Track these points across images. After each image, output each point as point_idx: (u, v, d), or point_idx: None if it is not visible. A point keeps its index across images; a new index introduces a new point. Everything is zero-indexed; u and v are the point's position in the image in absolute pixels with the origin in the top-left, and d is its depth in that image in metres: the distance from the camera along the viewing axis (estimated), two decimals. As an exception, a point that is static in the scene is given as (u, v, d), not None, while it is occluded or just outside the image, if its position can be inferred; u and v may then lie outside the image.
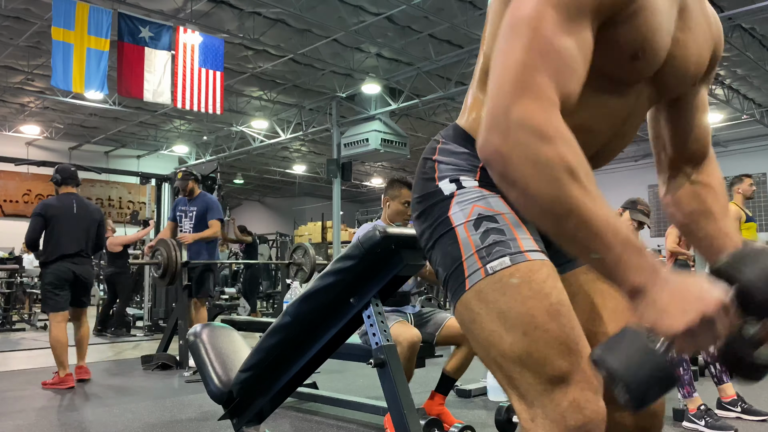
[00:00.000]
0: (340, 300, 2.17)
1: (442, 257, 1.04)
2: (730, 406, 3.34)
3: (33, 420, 3.40)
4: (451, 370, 3.08)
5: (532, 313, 0.92)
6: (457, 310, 1.01)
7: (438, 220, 1.05)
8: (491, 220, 1.00)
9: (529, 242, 0.99)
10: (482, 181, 1.05)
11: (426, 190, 1.09)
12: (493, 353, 0.96)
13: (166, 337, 5.58)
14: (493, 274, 0.96)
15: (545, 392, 0.90)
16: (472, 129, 1.11)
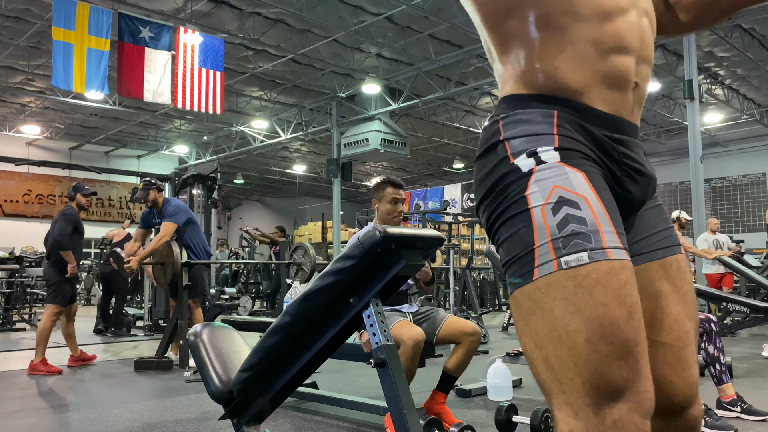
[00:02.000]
0: (340, 300, 2.17)
1: (510, 238, 0.95)
2: (730, 406, 3.34)
3: (33, 420, 3.40)
4: (452, 368, 3.07)
5: (602, 321, 0.85)
6: (515, 297, 0.94)
7: (513, 198, 0.95)
8: (573, 205, 0.91)
9: (612, 236, 0.90)
10: (563, 151, 0.96)
11: (501, 171, 0.97)
12: (546, 352, 0.90)
13: (166, 338, 5.57)
14: (567, 269, 0.88)
15: (592, 405, 0.86)
16: (526, 83, 1.02)
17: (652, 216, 1.12)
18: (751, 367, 4.85)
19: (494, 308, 11.15)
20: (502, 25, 1.04)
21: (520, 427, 3.16)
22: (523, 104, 1.01)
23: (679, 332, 1.06)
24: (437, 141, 17.86)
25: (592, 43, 0.99)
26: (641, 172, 1.06)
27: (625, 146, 1.03)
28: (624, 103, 1.03)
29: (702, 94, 9.62)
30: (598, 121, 1.00)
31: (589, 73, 0.99)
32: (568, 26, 0.99)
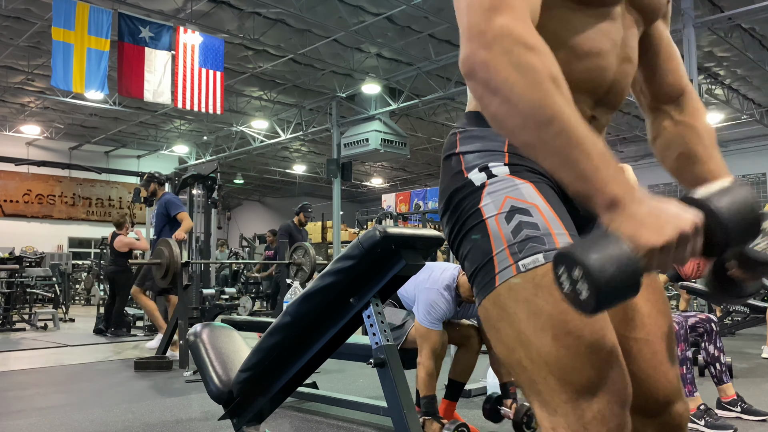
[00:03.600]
0: (340, 300, 2.18)
1: (471, 250, 0.99)
2: (730, 406, 3.34)
3: (33, 420, 3.40)
4: (458, 374, 3.05)
5: (565, 318, 0.87)
6: (483, 306, 0.97)
7: (469, 212, 1.00)
8: (524, 212, 0.95)
9: (564, 238, 0.94)
10: (512, 166, 1.01)
11: (456, 184, 1.03)
12: (518, 355, 0.92)
13: (166, 337, 5.57)
14: (525, 271, 0.91)
15: (570, 401, 0.87)
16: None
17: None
18: (751, 367, 4.86)
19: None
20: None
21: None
22: (479, 122, 1.06)
23: (651, 327, 1.08)
24: (437, 141, 17.86)
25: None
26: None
27: None
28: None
29: (702, 94, 9.64)
30: None
31: None
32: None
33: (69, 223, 18.81)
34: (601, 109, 1.10)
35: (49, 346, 6.81)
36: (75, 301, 14.67)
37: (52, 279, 11.14)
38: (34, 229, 17.90)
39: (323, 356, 2.25)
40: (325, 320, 2.19)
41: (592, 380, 0.87)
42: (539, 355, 0.89)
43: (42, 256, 12.28)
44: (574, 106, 0.82)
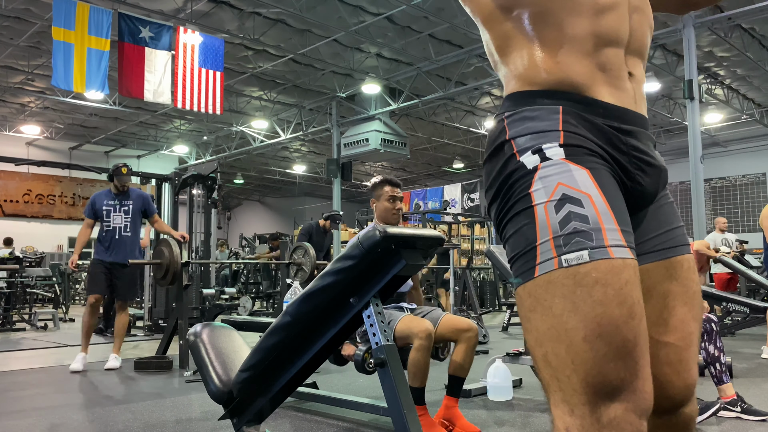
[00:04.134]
0: (340, 300, 2.18)
1: (514, 235, 0.95)
2: (730, 406, 3.34)
3: (33, 420, 3.40)
4: (456, 369, 3.05)
5: (600, 321, 0.85)
6: (518, 293, 0.95)
7: (519, 195, 0.95)
8: (576, 203, 0.90)
9: (615, 234, 0.90)
10: (568, 147, 0.95)
11: (508, 169, 0.97)
12: (545, 349, 0.90)
13: (166, 338, 5.57)
14: (567, 267, 0.88)
15: (588, 403, 0.86)
16: (529, 80, 1.02)
17: (664, 213, 1.11)
18: (751, 367, 4.85)
19: (494, 308, 11.15)
20: (501, 25, 1.05)
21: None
22: (527, 101, 1.01)
23: (683, 333, 1.06)
24: (437, 141, 17.86)
25: (589, 35, 1.00)
26: (651, 164, 1.05)
27: (633, 137, 1.03)
28: (626, 94, 1.03)
29: (702, 94, 9.62)
30: (605, 113, 1.00)
31: (589, 66, 1.00)
32: (565, 22, 1.00)
33: (69, 223, 18.81)
34: (633, 60, 1.07)
35: (49, 346, 6.81)
36: (75, 301, 14.67)
37: (52, 279, 11.14)
38: (34, 229, 17.90)
39: (323, 356, 2.25)
40: (325, 320, 2.19)
41: (615, 385, 0.85)
42: (567, 353, 0.87)
43: (42, 256, 12.28)
44: None
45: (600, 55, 1.01)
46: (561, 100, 0.99)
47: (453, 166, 21.10)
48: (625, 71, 1.04)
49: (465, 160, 20.41)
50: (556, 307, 0.88)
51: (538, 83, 1.01)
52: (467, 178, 20.06)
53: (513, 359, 3.90)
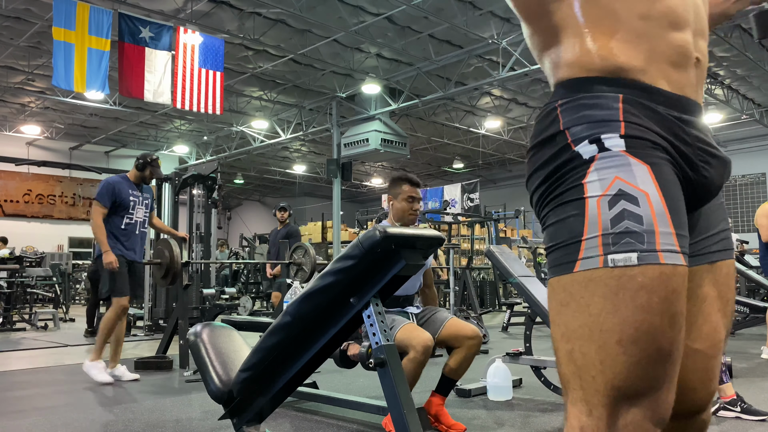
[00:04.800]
0: (340, 300, 2.18)
1: (557, 224, 0.91)
2: (730, 406, 3.34)
3: (33, 420, 3.40)
4: (451, 371, 3.05)
5: (639, 326, 0.83)
6: (551, 284, 0.92)
7: (570, 184, 0.90)
8: (632, 200, 0.85)
9: (669, 238, 0.85)
10: (630, 138, 0.89)
11: (559, 159, 0.92)
12: (572, 345, 0.87)
13: (166, 338, 5.58)
14: (613, 267, 0.84)
15: (608, 405, 0.85)
16: (583, 67, 0.95)
17: (715, 215, 1.08)
18: (751, 367, 4.86)
19: (494, 308, 11.15)
20: (550, 15, 0.99)
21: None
22: (583, 88, 0.95)
23: (714, 341, 1.04)
24: (437, 141, 17.86)
25: (647, 20, 0.94)
26: (715, 155, 1.00)
27: (695, 128, 0.97)
28: (687, 81, 0.98)
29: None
30: (666, 102, 0.94)
31: (648, 51, 0.94)
32: (618, 5, 0.94)
33: (69, 223, 18.82)
34: (699, 42, 1.00)
35: (49, 346, 6.81)
36: (75, 301, 14.68)
37: (53, 279, 11.14)
38: (35, 229, 17.90)
39: (324, 356, 2.26)
40: (325, 320, 2.19)
41: (638, 391, 0.84)
42: (597, 353, 0.85)
43: (42, 256, 12.28)
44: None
45: (661, 39, 0.95)
46: (621, 87, 0.93)
47: (453, 166, 21.10)
48: (693, 57, 0.98)
49: (465, 160, 20.41)
50: (594, 306, 0.85)
51: (594, 70, 0.95)
52: (467, 178, 20.06)
53: (513, 359, 3.90)
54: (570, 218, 0.89)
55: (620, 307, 0.84)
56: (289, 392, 2.35)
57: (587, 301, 0.86)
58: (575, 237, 0.88)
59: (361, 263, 2.09)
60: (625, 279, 0.84)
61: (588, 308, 0.86)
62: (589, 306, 0.86)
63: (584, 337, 0.86)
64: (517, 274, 3.99)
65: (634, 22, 0.94)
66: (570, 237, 0.89)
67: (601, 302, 0.85)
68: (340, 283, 2.12)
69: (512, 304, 8.33)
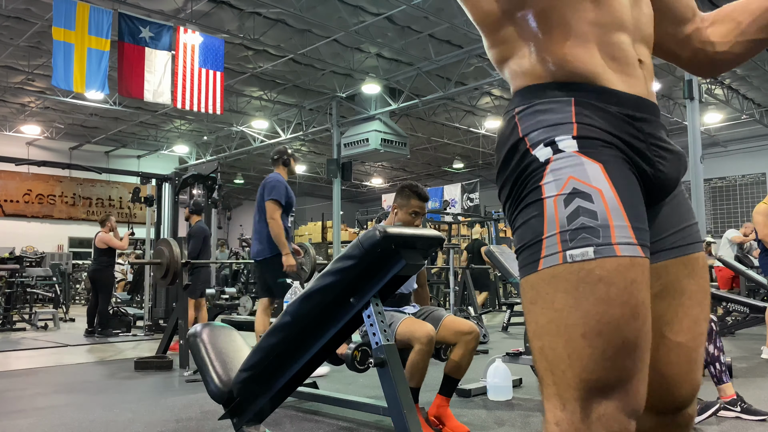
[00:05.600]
0: (340, 300, 2.18)
1: (522, 226, 0.95)
2: (730, 406, 3.34)
3: (33, 420, 3.40)
4: (452, 370, 3.06)
5: (600, 318, 0.85)
6: (521, 285, 0.95)
7: (531, 187, 0.94)
8: (586, 198, 0.89)
9: (624, 231, 0.88)
10: (582, 139, 0.93)
11: (523, 163, 0.96)
12: (542, 342, 0.90)
13: (166, 337, 5.58)
14: (571, 263, 0.87)
15: (580, 399, 0.86)
16: (538, 75, 1.00)
17: (682, 208, 1.10)
18: (751, 367, 4.86)
19: (494, 308, 11.15)
20: (505, 28, 1.03)
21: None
22: (537, 94, 0.99)
23: (695, 333, 1.05)
24: (437, 141, 17.86)
25: (596, 26, 0.98)
26: (669, 150, 1.04)
27: (648, 125, 1.01)
28: (637, 81, 1.02)
29: (702, 94, 9.62)
30: (618, 102, 0.98)
31: (598, 54, 0.98)
32: (568, 15, 0.98)
33: (69, 223, 18.82)
34: (641, 48, 1.06)
35: (49, 346, 6.81)
36: (75, 301, 14.68)
37: (53, 279, 11.14)
38: (35, 229, 17.90)
39: (323, 356, 2.26)
40: (325, 320, 2.19)
41: (608, 383, 0.86)
42: (564, 348, 0.87)
43: (42, 256, 12.29)
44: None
45: (609, 43, 0.99)
46: (573, 91, 0.97)
47: (453, 166, 21.10)
48: (636, 58, 1.03)
49: (465, 160, 20.41)
50: (557, 301, 0.88)
51: (549, 76, 0.99)
52: (467, 178, 20.06)
53: (513, 359, 3.90)
54: (532, 219, 0.93)
55: (581, 300, 0.86)
56: (289, 392, 2.35)
57: (552, 297, 0.89)
58: (537, 236, 0.91)
59: (361, 263, 2.09)
60: (583, 273, 0.86)
61: (553, 304, 0.88)
62: (553, 302, 0.88)
63: (552, 332, 0.88)
64: (517, 274, 3.99)
65: (584, 28, 0.98)
66: (533, 237, 0.92)
67: (564, 297, 0.87)
68: (340, 283, 2.12)
69: (512, 304, 8.33)
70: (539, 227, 0.91)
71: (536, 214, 0.92)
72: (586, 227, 0.88)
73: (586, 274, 0.86)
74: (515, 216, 0.97)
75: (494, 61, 1.09)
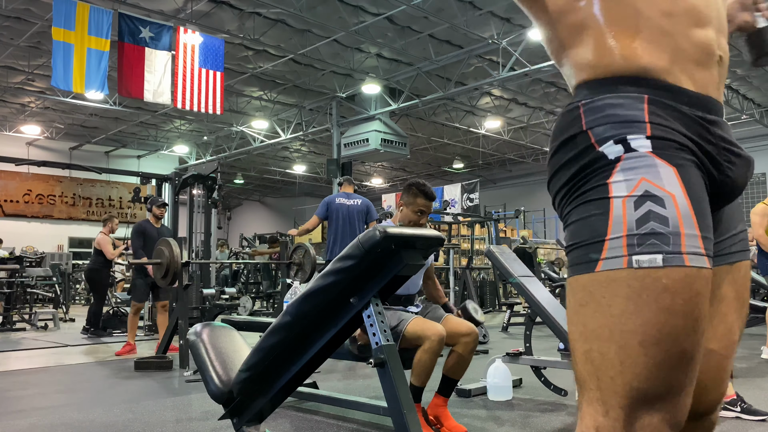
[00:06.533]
0: (340, 300, 2.18)
1: (579, 222, 0.90)
2: (730, 406, 3.34)
3: (33, 420, 3.40)
4: (450, 371, 3.06)
5: (661, 328, 0.82)
6: (569, 283, 0.91)
7: (595, 183, 0.89)
8: (658, 202, 0.85)
9: (694, 241, 0.85)
10: (656, 139, 0.89)
11: (583, 160, 0.91)
12: (591, 346, 0.87)
13: (166, 337, 5.57)
14: (637, 268, 0.83)
15: (626, 407, 0.84)
16: (606, 68, 0.94)
17: (735, 215, 1.08)
18: (751, 367, 4.85)
19: (494, 308, 11.15)
20: (569, 18, 0.98)
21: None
22: (607, 88, 0.94)
23: (728, 341, 1.04)
24: (437, 141, 17.86)
25: (670, 18, 0.94)
26: (739, 155, 0.99)
27: (719, 128, 0.96)
28: (710, 80, 0.97)
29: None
30: (690, 102, 0.93)
31: (672, 50, 0.93)
32: (640, 3, 0.94)
33: (69, 223, 18.82)
34: (721, 40, 1.00)
35: (49, 346, 6.81)
36: (75, 301, 14.67)
37: (53, 279, 11.14)
38: (35, 229, 17.90)
39: (323, 356, 2.26)
40: (325, 320, 2.19)
41: (658, 394, 0.84)
42: (617, 354, 0.84)
43: (42, 256, 12.28)
44: None
45: (685, 37, 0.94)
46: (646, 88, 0.92)
47: (453, 166, 21.10)
48: (717, 55, 0.97)
49: (465, 160, 20.41)
50: (615, 306, 0.85)
51: (617, 70, 0.94)
52: (467, 178, 20.05)
53: (513, 359, 3.90)
54: (592, 217, 0.88)
55: (643, 308, 0.83)
56: (289, 392, 2.35)
57: (608, 301, 0.85)
58: (598, 236, 0.87)
59: (362, 263, 2.09)
60: (649, 280, 0.83)
61: (609, 308, 0.85)
62: (610, 306, 0.85)
63: (603, 337, 0.85)
64: (517, 274, 3.99)
65: (658, 20, 0.93)
66: (592, 236, 0.88)
67: (624, 303, 0.84)
68: (340, 283, 2.12)
69: (512, 304, 8.34)
70: (601, 227, 0.87)
71: (599, 213, 0.88)
72: (656, 233, 0.84)
73: (652, 282, 0.83)
74: (570, 211, 0.93)
75: (553, 54, 1.04)
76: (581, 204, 0.90)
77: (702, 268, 0.85)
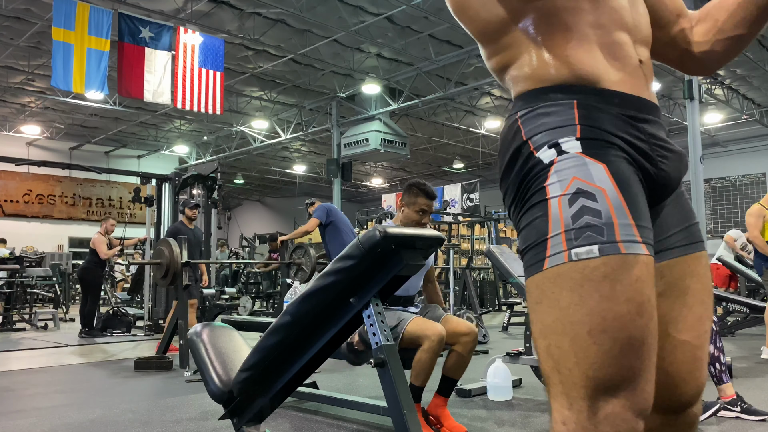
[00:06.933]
0: (340, 300, 2.18)
1: (527, 228, 0.95)
2: (730, 406, 3.34)
3: (33, 420, 3.40)
4: (450, 371, 3.06)
5: (605, 316, 0.85)
6: (527, 285, 0.96)
7: (535, 189, 0.94)
8: (590, 197, 0.90)
9: (629, 230, 0.89)
10: (585, 140, 0.94)
11: (527, 166, 0.97)
12: (548, 341, 0.90)
13: (166, 337, 5.58)
14: (576, 261, 0.88)
15: (587, 398, 0.86)
16: (539, 78, 1.01)
17: (684, 208, 1.12)
18: (751, 367, 4.86)
19: (494, 308, 11.15)
20: (505, 37, 1.04)
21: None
22: (540, 98, 1.00)
23: (699, 331, 1.06)
24: (437, 141, 17.86)
25: (596, 28, 1.00)
26: (671, 149, 1.05)
27: (651, 126, 1.02)
28: (638, 82, 1.03)
29: (702, 94, 9.62)
30: (621, 103, 0.99)
31: (599, 55, 0.99)
32: (568, 18, 0.99)
33: (69, 223, 18.81)
34: (641, 49, 1.07)
35: (49, 346, 6.81)
36: (75, 301, 14.66)
37: (53, 279, 11.14)
38: (35, 229, 17.90)
39: (323, 356, 2.26)
40: (325, 320, 2.19)
41: (615, 381, 0.85)
42: (570, 346, 0.87)
43: (42, 256, 12.28)
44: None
45: (610, 44, 1.00)
46: (575, 94, 0.98)
47: (453, 166, 21.10)
48: (637, 58, 1.04)
49: (465, 160, 20.40)
50: (563, 300, 0.88)
51: (550, 80, 1.00)
52: (467, 178, 20.06)
53: (513, 359, 3.90)
54: (536, 220, 0.93)
55: (586, 298, 0.86)
56: (289, 392, 2.35)
57: (557, 295, 0.89)
58: (542, 236, 0.92)
59: (362, 263, 2.09)
60: (588, 271, 0.87)
61: (558, 302, 0.89)
62: (558, 300, 0.89)
63: (558, 331, 0.89)
64: (517, 274, 3.99)
65: (585, 30, 0.99)
66: (537, 237, 0.93)
67: (569, 295, 0.88)
68: (340, 283, 2.12)
69: (512, 304, 8.33)
70: (544, 227, 0.92)
71: (541, 215, 0.93)
72: (590, 225, 0.88)
73: (591, 272, 0.87)
74: (520, 218, 0.98)
75: (494, 70, 1.10)
76: (527, 210, 0.96)
77: (639, 255, 0.88)
